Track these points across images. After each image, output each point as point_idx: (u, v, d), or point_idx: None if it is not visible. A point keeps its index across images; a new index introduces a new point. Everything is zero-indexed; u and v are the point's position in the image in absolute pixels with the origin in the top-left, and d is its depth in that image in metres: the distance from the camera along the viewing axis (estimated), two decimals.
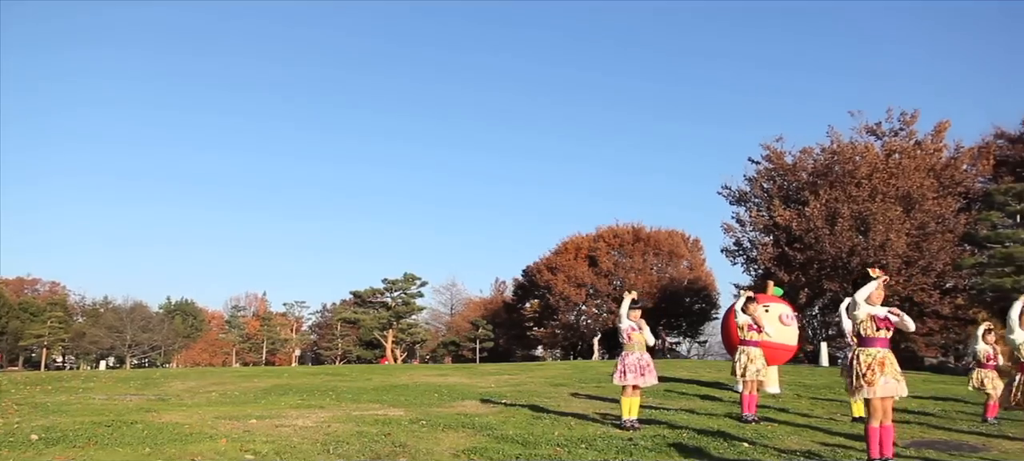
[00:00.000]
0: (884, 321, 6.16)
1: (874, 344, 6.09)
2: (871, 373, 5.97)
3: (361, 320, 60.07)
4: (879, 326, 6.13)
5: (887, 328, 6.14)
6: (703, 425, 8.85)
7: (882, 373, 5.96)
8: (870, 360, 6.00)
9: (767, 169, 40.76)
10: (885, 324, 6.15)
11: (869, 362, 6.01)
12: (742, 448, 7.08)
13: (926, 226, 35.38)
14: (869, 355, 6.05)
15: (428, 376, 19.54)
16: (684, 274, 59.57)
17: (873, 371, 5.98)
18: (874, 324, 6.14)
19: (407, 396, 13.15)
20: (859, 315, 6.19)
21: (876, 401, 5.99)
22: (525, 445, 7.14)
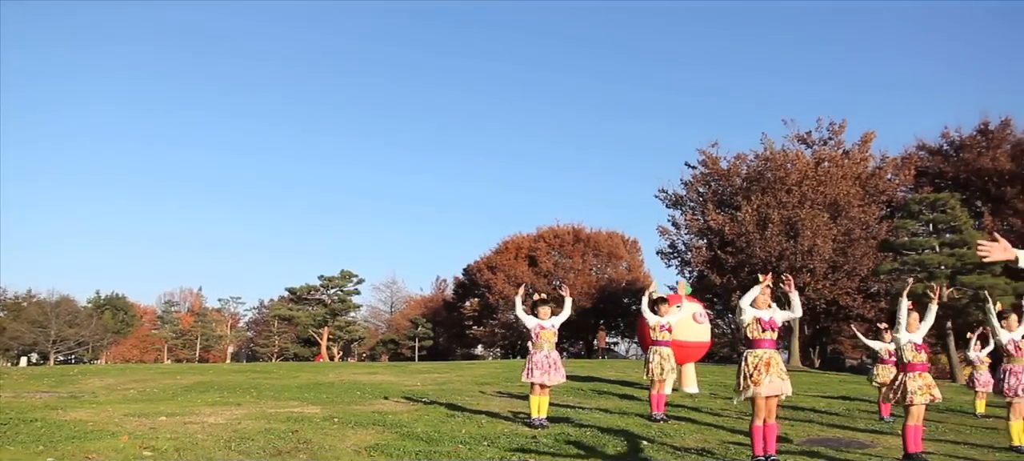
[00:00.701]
0: (769, 323, 6.44)
1: (761, 345, 6.36)
2: (757, 373, 6.23)
3: (296, 317, 59.21)
4: (764, 328, 6.40)
5: (772, 330, 6.42)
6: (611, 424, 9.08)
7: (767, 373, 6.21)
8: (756, 361, 6.25)
9: (703, 174, 41.73)
10: (770, 326, 6.43)
11: (755, 363, 6.26)
12: (640, 446, 7.32)
13: (851, 232, 36.75)
14: (756, 356, 6.30)
15: (357, 374, 19.45)
16: (623, 275, 60.43)
17: (759, 371, 6.24)
18: (759, 326, 6.42)
19: (329, 394, 13.11)
20: (745, 318, 6.46)
21: (761, 400, 6.24)
22: (429, 442, 7.24)
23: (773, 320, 6.49)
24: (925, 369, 7.17)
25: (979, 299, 25.93)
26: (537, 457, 6.58)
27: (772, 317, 6.49)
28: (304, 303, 59.69)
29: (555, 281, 58.89)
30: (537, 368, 8.58)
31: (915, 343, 7.17)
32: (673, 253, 41.85)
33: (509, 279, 58.33)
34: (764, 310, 6.50)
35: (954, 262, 26.89)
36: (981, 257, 3.57)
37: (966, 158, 43.10)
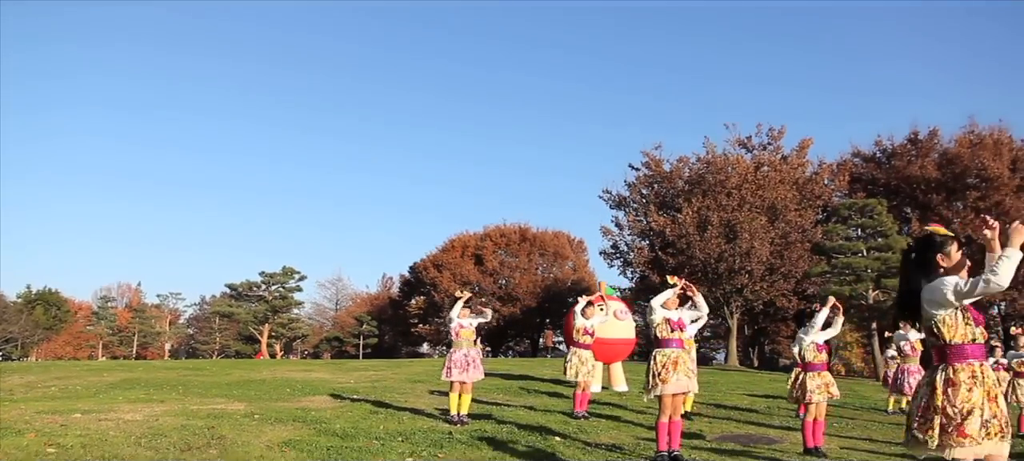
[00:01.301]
0: (678, 323, 6.67)
1: (669, 345, 6.58)
2: (665, 372, 6.44)
3: (236, 314, 58.23)
4: (673, 328, 6.64)
5: (680, 330, 6.66)
6: (531, 420, 9.26)
7: (675, 371, 6.44)
8: (665, 360, 6.47)
9: (646, 176, 42.37)
10: (678, 326, 6.67)
11: (664, 361, 6.48)
12: (552, 442, 7.49)
13: (788, 236, 37.75)
14: (664, 355, 6.52)
15: (292, 372, 19.32)
16: (568, 274, 60.99)
17: (667, 369, 6.45)
18: (668, 326, 6.65)
19: (258, 391, 13.02)
20: (655, 319, 6.69)
21: (667, 398, 6.46)
22: (344, 438, 7.29)
23: (681, 321, 6.72)
24: (825, 368, 7.51)
25: None
26: (448, 453, 6.69)
27: (681, 318, 6.72)
28: (244, 300, 58.72)
29: (501, 280, 59.21)
30: (455, 367, 8.72)
31: (817, 344, 7.50)
32: (616, 254, 42.41)
33: (455, 277, 58.33)
34: (673, 311, 6.73)
35: (880, 266, 27.95)
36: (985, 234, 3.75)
37: (897, 165, 44.68)
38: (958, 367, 3.58)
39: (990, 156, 40.45)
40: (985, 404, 3.50)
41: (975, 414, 3.46)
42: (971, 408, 3.47)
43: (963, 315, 3.65)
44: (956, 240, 3.86)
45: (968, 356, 3.58)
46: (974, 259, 5.03)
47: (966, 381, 3.53)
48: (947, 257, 3.76)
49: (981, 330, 3.69)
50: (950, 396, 3.52)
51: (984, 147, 41.22)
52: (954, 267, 3.76)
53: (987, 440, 3.44)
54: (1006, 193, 39.71)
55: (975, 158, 40.70)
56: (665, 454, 6.43)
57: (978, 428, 3.43)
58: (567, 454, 6.88)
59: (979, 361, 3.61)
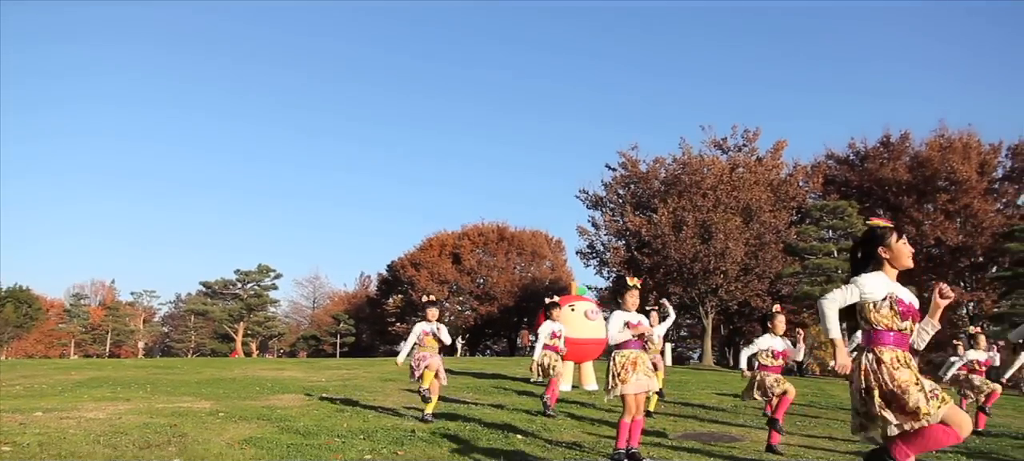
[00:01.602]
0: (636, 325, 6.77)
1: (628, 346, 6.68)
2: (625, 372, 6.53)
3: (210, 312, 57.75)
4: (631, 330, 6.74)
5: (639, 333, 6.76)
6: (497, 418, 9.33)
7: (634, 372, 6.53)
8: (624, 360, 6.56)
9: (623, 176, 42.60)
10: (636, 328, 6.77)
11: (623, 362, 6.57)
12: (514, 440, 7.56)
13: (763, 236, 38.06)
14: (623, 356, 6.61)
15: (264, 370, 19.26)
16: (546, 274, 61.13)
17: (627, 370, 6.55)
18: (628, 329, 6.75)
19: (227, 389, 12.97)
20: (616, 321, 6.80)
21: (630, 398, 6.55)
22: (305, 435, 7.32)
23: (641, 323, 6.82)
24: (779, 371, 7.70)
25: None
26: (409, 450, 6.74)
27: (640, 319, 6.81)
28: (219, 298, 58.22)
29: (479, 279, 59.27)
30: (420, 368, 8.82)
31: (774, 350, 7.66)
32: (592, 253, 42.63)
33: (433, 276, 58.34)
34: (632, 313, 6.82)
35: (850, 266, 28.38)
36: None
37: (869, 168, 45.36)
38: (882, 349, 3.77)
39: (959, 159, 41.19)
40: (919, 379, 3.67)
41: (911, 390, 3.62)
42: (905, 385, 3.63)
43: (891, 305, 3.79)
44: (896, 231, 3.97)
45: (891, 342, 3.77)
46: (942, 259, 5.21)
47: (890, 362, 3.72)
48: (888, 249, 3.91)
49: (909, 323, 3.83)
50: (883, 375, 3.69)
51: (953, 151, 41.97)
52: (895, 257, 3.89)
53: (940, 407, 3.58)
54: (974, 196, 40.47)
55: (945, 161, 41.43)
56: (623, 451, 6.50)
57: (923, 400, 3.58)
58: (527, 451, 6.95)
59: (902, 350, 3.74)
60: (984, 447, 8.95)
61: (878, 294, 3.84)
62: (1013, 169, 42.82)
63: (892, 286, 3.90)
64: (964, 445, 8.53)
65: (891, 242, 3.94)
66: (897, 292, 3.90)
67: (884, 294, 3.85)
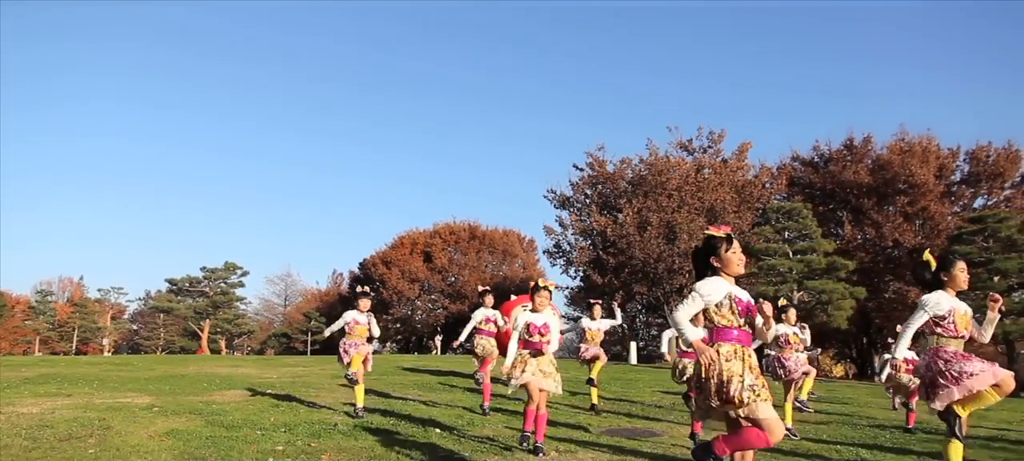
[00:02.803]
0: (540, 328, 7.16)
1: (531, 346, 7.08)
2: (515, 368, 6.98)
3: (176, 309, 57.38)
4: (532, 332, 7.12)
5: (541, 335, 7.13)
6: (424, 414, 9.62)
7: (527, 367, 6.97)
8: (522, 359, 6.98)
9: (590, 176, 43.01)
10: (539, 331, 7.14)
11: (518, 360, 7.01)
12: (430, 433, 7.85)
13: None
14: (522, 355, 7.03)
15: (220, 367, 19.41)
16: (517, 273, 61.40)
17: (517, 367, 7.01)
18: (529, 330, 7.15)
19: (174, 386, 13.13)
20: (519, 322, 7.18)
21: (532, 388, 6.96)
22: (229, 428, 7.56)
23: (547, 325, 7.19)
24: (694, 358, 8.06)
25: (823, 302, 28.14)
26: (324, 442, 7.01)
27: (546, 322, 7.19)
28: (185, 295, 57.84)
29: (450, 278, 59.49)
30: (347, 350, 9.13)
31: None
32: (559, 253, 43.01)
33: (404, 274, 58.50)
34: (540, 316, 7.18)
35: (803, 268, 28.94)
36: None
37: (833, 170, 46.07)
38: (722, 344, 4.12)
39: (918, 163, 42.01)
40: (746, 372, 4.03)
41: (735, 380, 3.99)
42: (730, 376, 4.00)
43: (731, 305, 4.14)
44: (727, 241, 4.28)
45: (731, 338, 4.12)
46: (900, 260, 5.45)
47: (727, 354, 4.07)
48: (718, 258, 4.25)
49: (747, 319, 4.18)
50: (716, 368, 4.07)
51: (913, 155, 42.79)
52: (726, 264, 4.23)
53: (758, 400, 3.94)
54: (931, 199, 41.31)
55: (904, 165, 42.23)
56: (529, 433, 6.92)
57: (742, 390, 3.95)
58: (440, 443, 7.25)
59: (741, 344, 4.11)
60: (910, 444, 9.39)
61: (718, 296, 4.19)
62: (970, 173, 43.75)
63: (730, 288, 4.24)
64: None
65: (722, 251, 4.26)
66: (735, 292, 4.24)
67: (723, 295, 4.19)
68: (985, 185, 43.14)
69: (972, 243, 29.13)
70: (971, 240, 29.20)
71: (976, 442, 9.59)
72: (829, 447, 8.56)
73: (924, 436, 10.11)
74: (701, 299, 4.21)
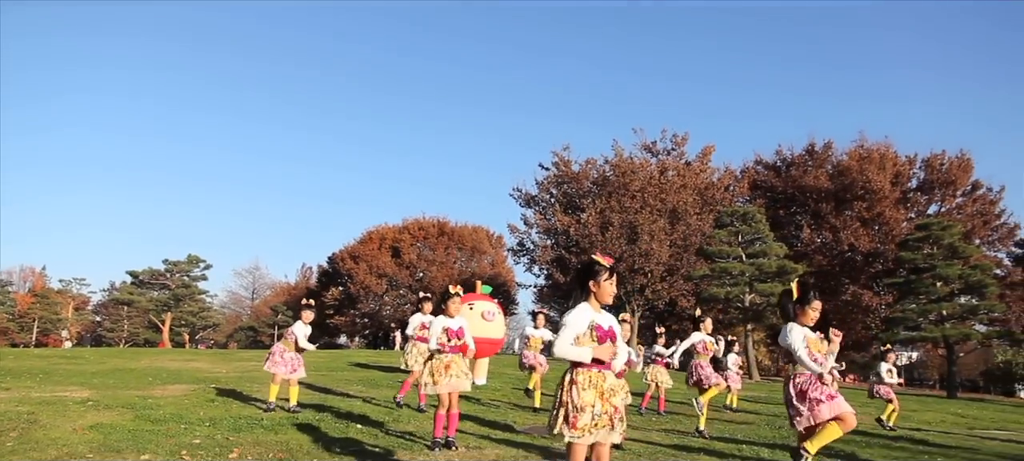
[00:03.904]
0: (456, 333, 7.52)
1: (444, 350, 7.44)
2: (437, 374, 7.30)
3: (137, 302, 56.84)
4: (450, 336, 7.47)
5: (458, 338, 7.49)
6: (354, 408, 9.94)
7: (446, 374, 7.29)
8: (438, 364, 7.33)
9: (555, 176, 43.46)
10: (456, 335, 7.51)
11: (437, 365, 7.34)
12: (352, 428, 8.17)
13: (688, 239, 39.30)
14: (438, 359, 7.38)
15: (173, 361, 19.46)
16: (486, 269, 61.64)
17: (440, 372, 7.33)
18: (446, 335, 7.50)
19: (118, 380, 13.27)
20: (436, 327, 7.53)
21: (443, 394, 7.31)
22: (156, 422, 7.82)
23: (462, 330, 7.55)
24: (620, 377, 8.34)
25: (772, 304, 28.78)
26: (244, 436, 7.31)
27: (461, 326, 7.54)
28: (147, 287, 57.29)
29: (418, 273, 59.62)
30: (276, 360, 9.40)
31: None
32: (523, 251, 43.43)
33: (372, 269, 58.52)
34: (454, 321, 7.53)
35: (754, 271, 29.61)
36: None
37: (794, 175, 47.01)
38: (579, 371, 4.29)
39: (875, 170, 43.01)
40: (597, 402, 4.21)
41: (586, 411, 4.18)
42: (584, 405, 4.19)
43: (591, 332, 4.37)
44: (610, 271, 4.43)
45: (591, 366, 4.28)
46: (855, 263, 5.58)
47: (582, 383, 4.25)
48: (597, 284, 4.40)
49: (608, 345, 4.37)
50: (572, 393, 4.26)
51: (871, 161, 43.79)
52: (601, 292, 4.41)
53: (596, 430, 4.19)
54: (887, 205, 42.34)
55: (862, 171, 43.20)
56: (441, 440, 7.23)
57: (588, 421, 4.17)
58: (358, 438, 7.57)
59: (598, 369, 4.30)
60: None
61: (581, 326, 4.36)
62: (925, 180, 44.89)
63: (593, 315, 4.42)
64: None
65: (601, 279, 4.39)
66: (597, 320, 4.41)
67: (586, 325, 4.38)
68: (938, 192, 44.29)
69: (918, 250, 29.99)
70: (917, 247, 30.08)
71: (878, 441, 10.14)
72: (737, 446, 8.99)
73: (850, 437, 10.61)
74: (571, 328, 4.38)
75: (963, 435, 12.20)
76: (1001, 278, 43.82)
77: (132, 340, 63.13)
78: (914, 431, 12.38)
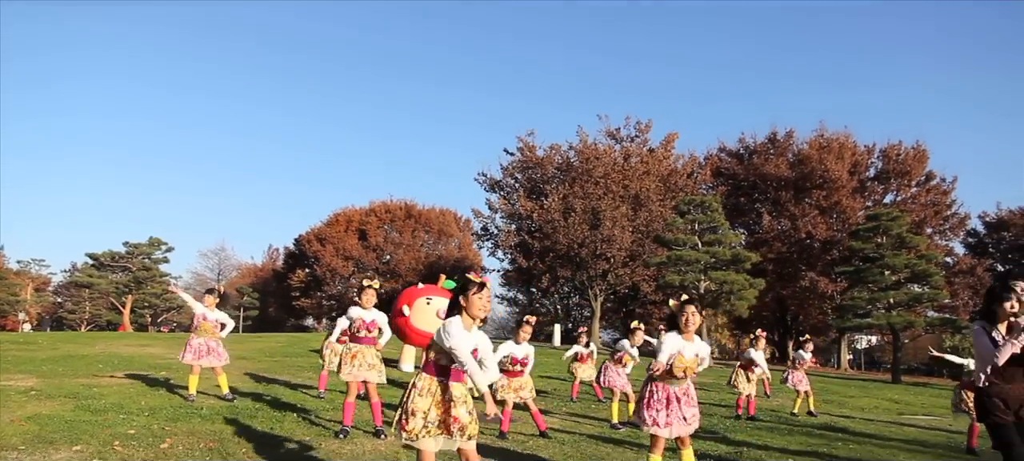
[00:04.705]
0: (368, 325, 7.89)
1: (359, 341, 7.79)
2: (345, 363, 7.72)
3: (97, 285, 56.19)
4: (360, 328, 7.85)
5: (368, 331, 7.85)
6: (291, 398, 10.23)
7: (352, 363, 7.69)
8: (349, 352, 7.73)
9: (520, 161, 43.78)
10: (367, 327, 7.88)
11: (345, 354, 7.76)
12: (288, 418, 8.44)
13: (651, 225, 39.90)
14: (349, 349, 7.77)
15: (128, 346, 19.52)
16: (453, 253, 61.95)
17: (346, 362, 7.75)
18: (361, 326, 7.87)
19: (67, 367, 13.36)
20: (352, 316, 7.89)
21: (351, 383, 7.70)
22: (95, 412, 7.99)
23: (375, 322, 7.92)
24: (520, 375, 8.61)
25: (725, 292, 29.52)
26: (180, 426, 7.55)
27: (373, 319, 7.91)
28: (108, 270, 56.58)
29: (385, 256, 59.73)
30: (189, 351, 9.64)
31: (514, 357, 8.63)
32: (487, 235, 43.76)
33: (338, 252, 58.52)
34: (367, 313, 7.88)
35: (709, 259, 30.25)
36: None
37: (756, 163, 47.77)
38: (424, 376, 4.51)
39: (834, 159, 43.87)
40: (431, 410, 4.40)
41: (418, 416, 4.37)
42: (416, 411, 4.39)
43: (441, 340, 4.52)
44: (479, 287, 4.60)
45: (431, 372, 4.50)
46: (813, 251, 5.59)
47: (420, 389, 4.46)
48: (467, 299, 4.58)
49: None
50: (411, 396, 4.47)
51: (830, 150, 44.63)
52: (470, 306, 4.56)
53: (427, 436, 4.36)
54: (844, 194, 43.26)
55: (822, 160, 44.05)
56: (349, 428, 7.60)
57: (418, 426, 4.36)
58: (292, 428, 7.85)
59: (438, 377, 4.48)
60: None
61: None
62: (882, 170, 45.91)
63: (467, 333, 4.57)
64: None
65: (470, 294, 4.57)
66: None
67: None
68: (894, 182, 45.32)
69: (868, 240, 30.84)
70: (868, 237, 30.91)
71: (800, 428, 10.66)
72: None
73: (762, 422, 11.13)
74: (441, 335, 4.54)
75: (886, 422, 12.79)
76: (951, 266, 45.19)
77: (94, 322, 62.43)
78: (842, 417, 12.97)
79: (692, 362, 5.49)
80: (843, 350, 44.14)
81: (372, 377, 7.69)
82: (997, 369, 5.17)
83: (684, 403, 5.50)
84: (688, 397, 5.56)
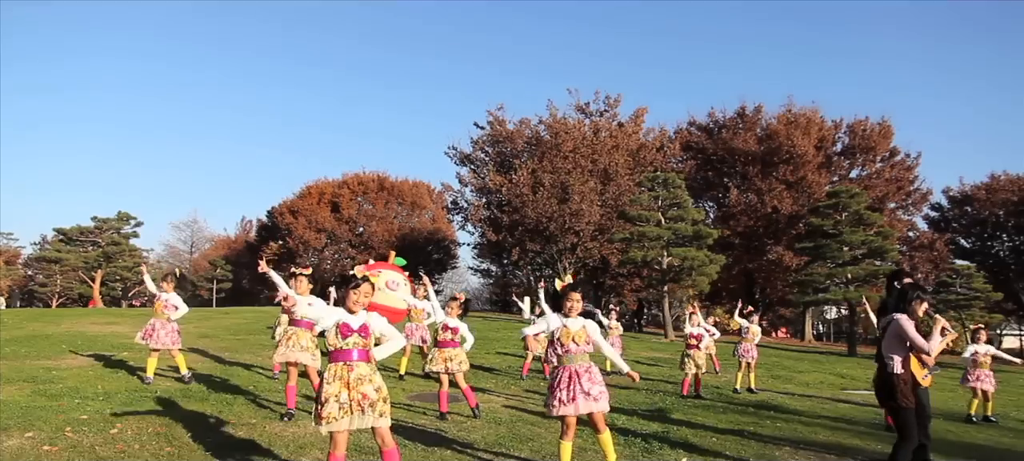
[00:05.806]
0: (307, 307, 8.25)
1: (298, 324, 8.16)
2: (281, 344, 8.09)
3: (66, 260, 55.71)
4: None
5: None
6: (244, 381, 10.56)
7: (287, 344, 8.08)
8: (290, 333, 8.10)
9: (490, 135, 43.93)
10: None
11: (281, 335, 8.12)
12: (237, 401, 8.78)
13: (619, 199, 40.32)
14: (286, 331, 8.15)
15: (94, 324, 19.60)
16: (426, 225, 62.16)
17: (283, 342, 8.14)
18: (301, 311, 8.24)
19: (30, 348, 13.52)
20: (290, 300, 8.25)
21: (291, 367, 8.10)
22: (52, 398, 8.27)
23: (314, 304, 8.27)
24: (454, 345, 8.97)
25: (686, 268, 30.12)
26: (135, 408, 7.90)
27: (312, 301, 8.25)
28: (76, 244, 56.04)
29: (358, 228, 59.78)
30: (147, 335, 9.89)
31: (446, 324, 9.00)
32: (457, 209, 44.02)
33: (311, 224, 58.48)
34: (303, 296, 8.22)
35: (671, 235, 30.81)
36: None
37: (724, 137, 48.25)
38: (331, 366, 4.92)
39: (801, 134, 44.47)
40: (342, 392, 4.80)
41: (331, 401, 4.79)
42: (328, 397, 4.81)
43: (335, 331, 4.96)
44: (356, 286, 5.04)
45: (337, 359, 4.91)
46: (779, 225, 5.85)
47: (328, 376, 4.88)
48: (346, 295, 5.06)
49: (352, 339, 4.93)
50: (322, 387, 4.90)
51: (797, 125, 45.21)
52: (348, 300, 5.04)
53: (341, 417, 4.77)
54: (810, 169, 43.93)
55: (789, 136, 44.63)
56: (292, 411, 8.00)
57: (334, 410, 4.78)
58: (236, 413, 8.15)
59: (344, 362, 4.89)
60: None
61: (328, 323, 5.02)
62: (848, 146, 46.67)
63: (341, 315, 5.03)
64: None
65: (349, 291, 5.04)
66: (343, 318, 5.01)
67: (331, 323, 5.01)
68: (860, 157, 46.10)
69: (828, 216, 31.56)
70: (827, 214, 31.64)
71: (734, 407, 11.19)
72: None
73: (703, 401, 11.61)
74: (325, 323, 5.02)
75: (824, 398, 13.34)
76: (912, 241, 46.25)
77: (65, 296, 62.02)
78: (782, 395, 13.50)
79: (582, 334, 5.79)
80: (808, 323, 45.17)
81: (305, 359, 8.04)
82: (907, 358, 5.91)
83: (584, 378, 5.67)
84: (589, 374, 5.71)
